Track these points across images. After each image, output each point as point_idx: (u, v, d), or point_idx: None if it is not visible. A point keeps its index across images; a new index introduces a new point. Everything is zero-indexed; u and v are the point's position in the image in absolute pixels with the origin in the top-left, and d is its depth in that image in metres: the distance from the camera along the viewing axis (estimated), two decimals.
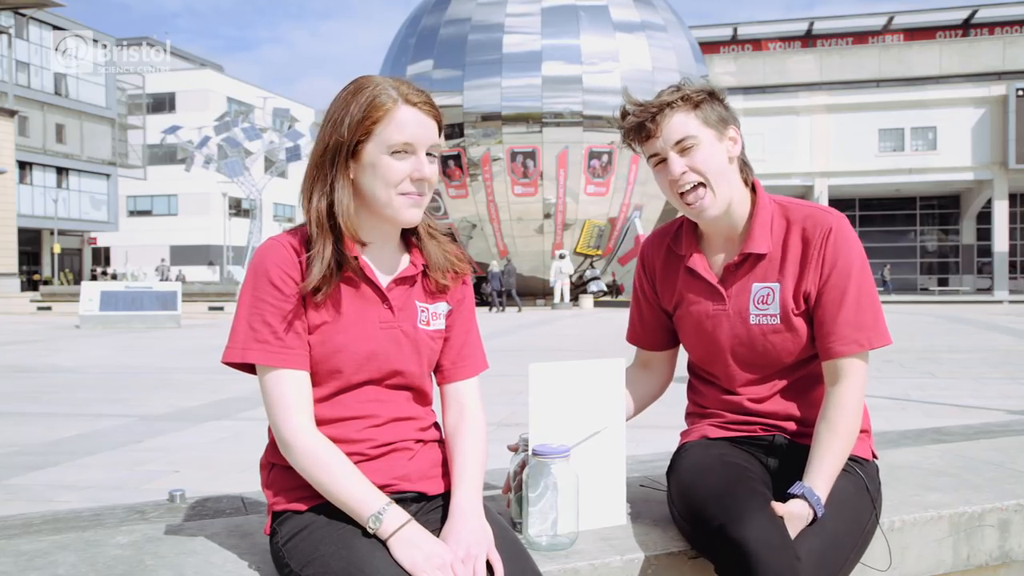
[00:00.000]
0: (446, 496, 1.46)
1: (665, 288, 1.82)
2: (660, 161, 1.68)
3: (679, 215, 1.82)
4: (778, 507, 1.45)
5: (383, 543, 1.31)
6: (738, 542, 1.36)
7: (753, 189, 1.74)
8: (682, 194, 1.67)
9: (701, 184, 1.65)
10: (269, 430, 1.50)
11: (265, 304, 1.39)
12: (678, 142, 1.64)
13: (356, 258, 1.44)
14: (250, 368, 1.44)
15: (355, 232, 1.42)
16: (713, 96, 1.67)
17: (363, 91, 1.42)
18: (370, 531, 1.32)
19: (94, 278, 35.50)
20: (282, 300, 1.39)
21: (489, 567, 1.30)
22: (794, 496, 1.51)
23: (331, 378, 1.43)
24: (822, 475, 1.54)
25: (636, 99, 1.69)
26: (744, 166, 1.73)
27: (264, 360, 1.39)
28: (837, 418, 1.59)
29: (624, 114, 1.69)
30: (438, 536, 1.34)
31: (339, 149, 1.42)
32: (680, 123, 1.63)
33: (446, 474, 1.50)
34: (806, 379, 1.71)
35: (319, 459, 1.36)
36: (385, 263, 1.50)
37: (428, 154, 1.44)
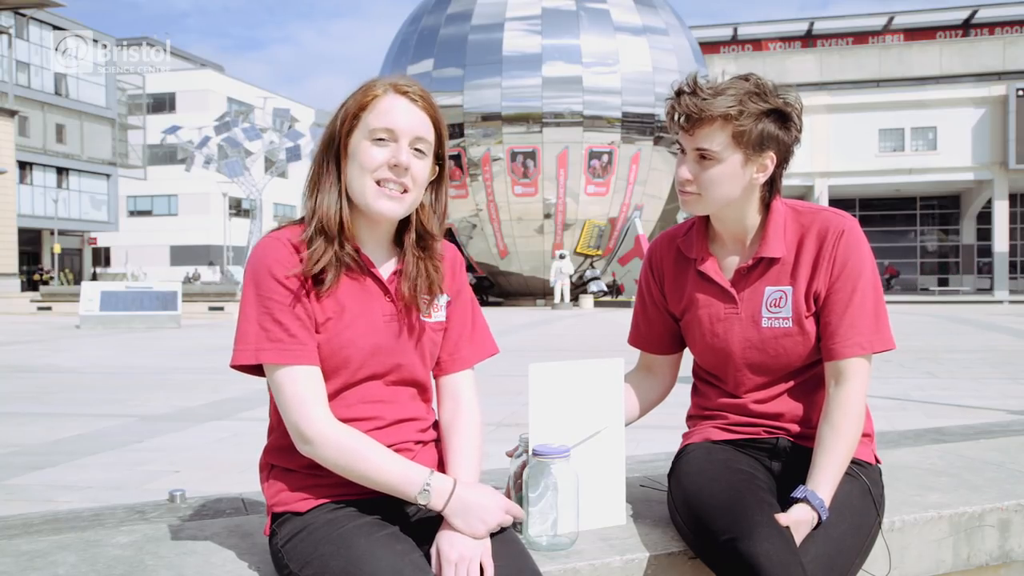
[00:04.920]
0: None
1: (674, 291, 1.81)
2: (681, 151, 1.67)
3: (686, 218, 1.83)
4: (782, 517, 1.44)
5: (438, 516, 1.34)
6: (747, 557, 1.35)
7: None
8: (681, 185, 1.69)
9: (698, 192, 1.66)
10: (269, 431, 1.50)
11: (272, 302, 1.38)
12: (699, 149, 1.62)
13: (357, 251, 1.45)
14: (256, 369, 1.42)
15: (336, 230, 1.42)
16: (772, 114, 1.60)
17: (362, 85, 1.44)
18: (421, 506, 1.34)
19: (43, 280, 35.30)
20: (289, 296, 1.38)
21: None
22: (797, 500, 1.50)
23: (335, 375, 1.42)
24: (826, 478, 1.54)
25: (701, 87, 1.60)
26: (770, 187, 1.69)
27: (279, 359, 1.37)
28: (840, 420, 1.58)
29: (680, 92, 1.62)
30: (438, 529, 1.36)
31: (331, 141, 1.44)
32: (711, 135, 1.59)
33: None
34: (811, 381, 1.71)
35: (350, 448, 1.35)
36: (383, 257, 1.50)
37: (417, 149, 1.43)
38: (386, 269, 1.49)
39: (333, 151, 1.44)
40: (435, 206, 1.52)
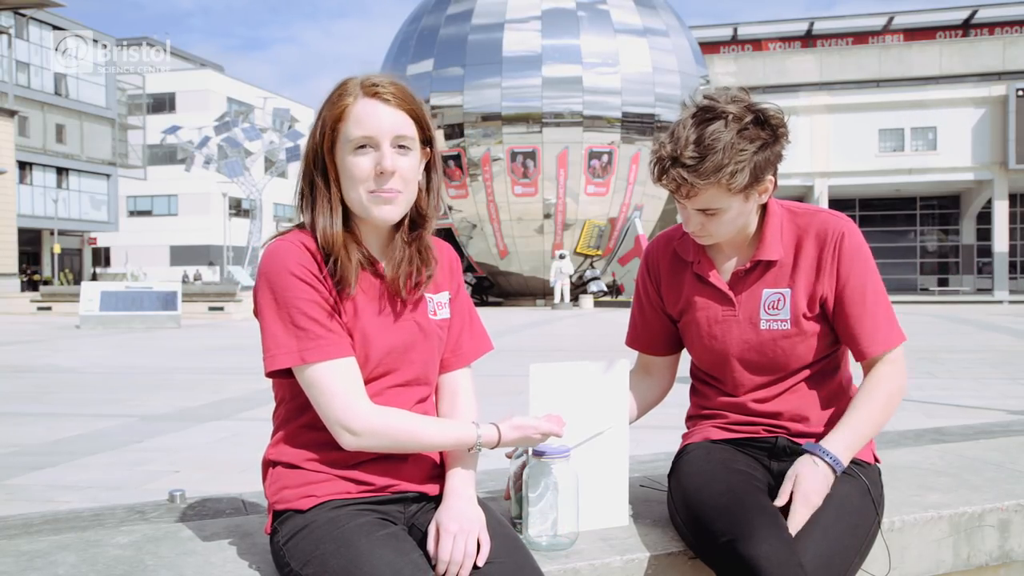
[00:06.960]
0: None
1: (671, 293, 1.81)
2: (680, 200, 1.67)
3: None
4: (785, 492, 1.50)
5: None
6: (747, 559, 1.36)
7: None
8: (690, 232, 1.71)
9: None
10: (276, 428, 1.50)
11: (300, 300, 1.37)
12: (702, 209, 1.63)
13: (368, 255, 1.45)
14: (289, 371, 1.40)
15: (340, 248, 1.40)
16: (762, 147, 1.59)
17: (333, 91, 1.41)
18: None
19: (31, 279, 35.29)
20: (313, 292, 1.37)
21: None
22: (806, 453, 1.58)
23: None
24: (842, 435, 1.59)
25: (685, 152, 1.56)
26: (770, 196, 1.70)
27: (322, 355, 1.36)
28: (873, 388, 1.63)
29: (663, 159, 1.60)
30: (433, 517, 1.38)
31: (315, 158, 1.41)
32: (710, 198, 1.60)
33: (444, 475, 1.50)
34: (810, 380, 1.71)
35: (397, 432, 1.38)
36: (387, 258, 1.49)
37: (400, 146, 1.40)
38: (391, 270, 1.48)
39: (320, 168, 1.41)
40: (429, 188, 1.51)
